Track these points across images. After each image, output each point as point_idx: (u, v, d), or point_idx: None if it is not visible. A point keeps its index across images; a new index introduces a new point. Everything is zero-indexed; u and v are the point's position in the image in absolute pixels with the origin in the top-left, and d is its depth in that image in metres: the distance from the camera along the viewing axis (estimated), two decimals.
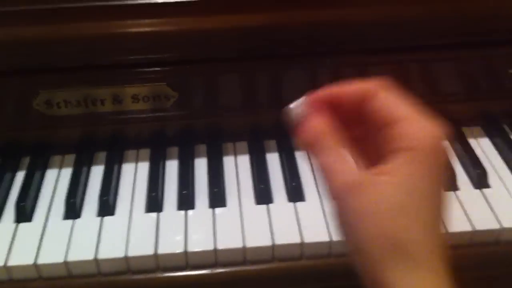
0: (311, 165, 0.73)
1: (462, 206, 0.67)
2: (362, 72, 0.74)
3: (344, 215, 0.40)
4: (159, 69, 0.72)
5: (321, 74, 0.74)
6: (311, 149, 0.42)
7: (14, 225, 0.67)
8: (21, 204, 0.68)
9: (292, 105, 0.44)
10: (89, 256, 0.62)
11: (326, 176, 0.41)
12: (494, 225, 0.65)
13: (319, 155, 0.41)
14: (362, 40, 0.72)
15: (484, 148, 0.77)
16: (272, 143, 0.78)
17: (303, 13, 0.70)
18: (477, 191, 0.70)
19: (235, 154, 0.77)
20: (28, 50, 0.70)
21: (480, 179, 0.70)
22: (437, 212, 0.39)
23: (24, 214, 0.67)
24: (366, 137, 0.43)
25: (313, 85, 0.45)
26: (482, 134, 0.79)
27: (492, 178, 0.71)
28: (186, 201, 0.68)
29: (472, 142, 0.77)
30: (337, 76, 0.49)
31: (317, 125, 0.42)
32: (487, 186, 0.70)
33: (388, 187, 0.38)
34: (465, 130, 0.79)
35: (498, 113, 0.80)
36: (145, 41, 0.70)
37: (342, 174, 0.40)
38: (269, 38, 0.71)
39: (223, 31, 0.70)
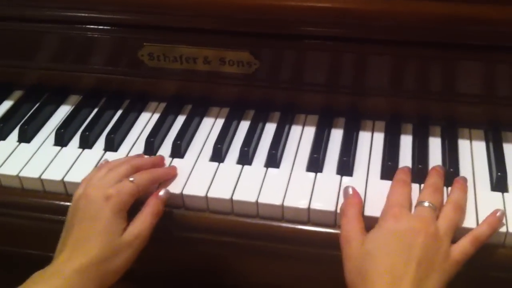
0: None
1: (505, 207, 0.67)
2: None
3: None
4: (244, 38, 0.79)
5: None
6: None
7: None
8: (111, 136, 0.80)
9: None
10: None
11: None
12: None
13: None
14: None
15: None
16: (341, 120, 0.83)
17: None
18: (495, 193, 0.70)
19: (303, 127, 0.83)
20: (140, 10, 0.81)
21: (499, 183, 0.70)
22: None
23: (112, 144, 0.80)
24: None
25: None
26: None
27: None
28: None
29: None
30: None
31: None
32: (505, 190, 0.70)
33: None
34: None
35: None
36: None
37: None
38: (363, 24, 0.74)
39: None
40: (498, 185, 0.71)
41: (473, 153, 0.77)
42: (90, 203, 0.65)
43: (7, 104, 0.91)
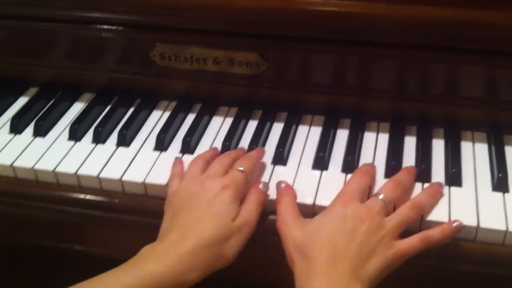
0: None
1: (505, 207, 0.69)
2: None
3: None
4: (253, 39, 0.82)
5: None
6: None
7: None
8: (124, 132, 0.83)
9: None
10: None
11: None
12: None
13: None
14: None
15: None
16: (347, 121, 0.86)
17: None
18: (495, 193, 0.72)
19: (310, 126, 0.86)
20: (151, 11, 0.83)
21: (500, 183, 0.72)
22: None
23: (124, 140, 0.83)
24: None
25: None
26: None
27: None
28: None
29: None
30: None
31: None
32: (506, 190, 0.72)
33: None
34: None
35: None
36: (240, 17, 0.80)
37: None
38: (367, 27, 0.76)
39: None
40: (499, 185, 0.72)
41: (475, 155, 0.78)
42: (206, 189, 0.68)
43: (23, 100, 0.94)
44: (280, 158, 0.78)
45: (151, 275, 0.61)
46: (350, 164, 0.77)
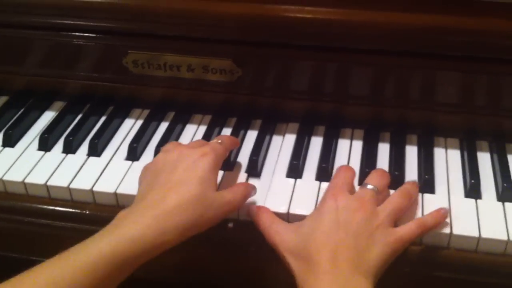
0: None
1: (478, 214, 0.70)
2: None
3: None
4: (227, 46, 0.81)
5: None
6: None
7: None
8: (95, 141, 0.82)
9: None
10: None
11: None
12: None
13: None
14: None
15: None
16: (321, 128, 0.85)
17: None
18: (500, 203, 0.71)
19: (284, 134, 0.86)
20: (125, 18, 0.82)
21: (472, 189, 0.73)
22: None
23: (95, 149, 0.82)
24: None
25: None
26: None
27: None
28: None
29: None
30: None
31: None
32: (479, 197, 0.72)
33: None
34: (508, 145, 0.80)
35: None
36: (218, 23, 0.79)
37: None
38: (345, 34, 0.76)
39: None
40: (472, 192, 0.73)
41: (448, 161, 0.79)
42: (184, 156, 0.67)
43: None
44: (254, 166, 0.78)
45: (129, 238, 0.58)
46: (324, 171, 0.76)
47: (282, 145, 0.83)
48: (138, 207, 0.63)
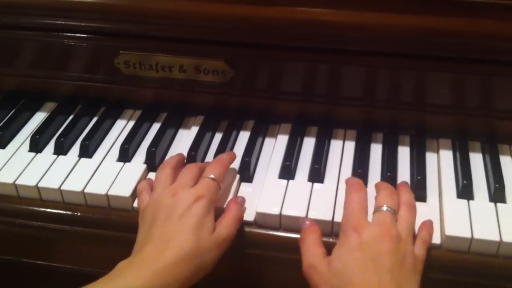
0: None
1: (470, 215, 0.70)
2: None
3: None
4: (220, 47, 0.81)
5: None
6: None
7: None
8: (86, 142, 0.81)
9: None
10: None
11: None
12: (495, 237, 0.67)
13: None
14: None
15: None
16: (314, 129, 0.85)
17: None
18: (492, 204, 0.71)
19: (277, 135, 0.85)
20: (117, 18, 0.82)
21: (464, 190, 0.73)
22: None
23: (86, 151, 0.81)
24: None
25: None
26: None
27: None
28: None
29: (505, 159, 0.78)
30: None
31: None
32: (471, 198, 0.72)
33: None
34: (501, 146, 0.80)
35: None
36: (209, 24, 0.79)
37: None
38: (337, 35, 0.76)
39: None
40: (464, 192, 0.73)
41: (440, 162, 0.79)
42: (179, 201, 0.66)
43: None
44: (247, 167, 0.77)
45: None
46: (316, 172, 0.76)
47: (274, 146, 0.83)
48: (139, 258, 0.63)
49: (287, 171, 0.76)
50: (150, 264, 0.61)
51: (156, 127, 0.86)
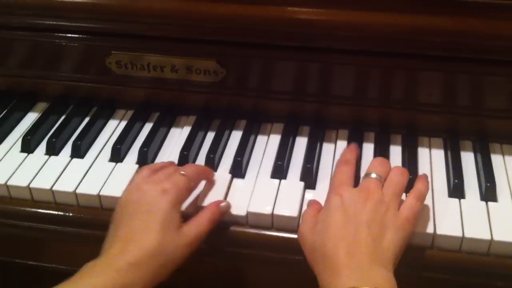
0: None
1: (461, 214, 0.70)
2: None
3: None
4: (211, 46, 0.81)
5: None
6: None
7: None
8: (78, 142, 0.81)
9: None
10: None
11: None
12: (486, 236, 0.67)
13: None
14: None
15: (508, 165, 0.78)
16: (306, 129, 0.85)
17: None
18: (483, 202, 0.72)
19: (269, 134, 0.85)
20: (108, 18, 0.82)
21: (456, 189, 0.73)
22: None
23: (78, 151, 0.81)
24: None
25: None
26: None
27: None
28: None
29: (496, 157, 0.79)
30: None
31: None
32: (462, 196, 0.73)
33: None
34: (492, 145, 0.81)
35: None
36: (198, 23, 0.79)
37: None
38: (327, 34, 0.76)
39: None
40: (455, 191, 0.73)
41: (432, 161, 0.79)
42: (145, 196, 0.65)
43: None
44: (239, 167, 0.77)
45: None
46: (309, 172, 0.76)
47: (266, 146, 0.83)
48: (103, 259, 0.62)
49: (280, 171, 0.77)
50: (114, 264, 0.60)
51: (148, 127, 0.86)
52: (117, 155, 0.80)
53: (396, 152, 0.80)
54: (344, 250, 0.60)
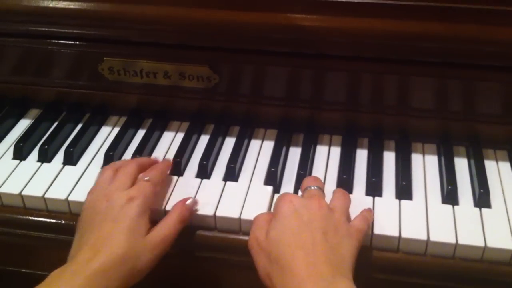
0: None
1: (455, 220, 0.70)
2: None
3: None
4: (203, 52, 0.81)
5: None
6: None
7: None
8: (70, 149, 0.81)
9: None
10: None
11: None
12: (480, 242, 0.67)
13: None
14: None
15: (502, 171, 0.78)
16: (299, 135, 0.85)
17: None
18: (476, 209, 0.71)
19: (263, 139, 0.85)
20: (100, 24, 0.81)
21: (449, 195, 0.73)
22: None
23: (70, 158, 0.81)
24: None
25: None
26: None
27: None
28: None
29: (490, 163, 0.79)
30: None
31: None
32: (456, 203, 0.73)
33: None
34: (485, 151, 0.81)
35: None
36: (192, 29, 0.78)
37: None
38: (319, 40, 0.76)
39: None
40: (449, 198, 0.73)
41: (425, 167, 0.79)
42: (112, 204, 0.66)
43: None
44: (232, 173, 0.77)
45: None
46: (302, 178, 0.76)
47: (260, 152, 0.82)
48: (71, 266, 0.61)
49: (273, 178, 0.76)
50: (82, 271, 0.60)
51: (141, 133, 0.86)
52: (110, 162, 0.79)
53: (389, 158, 0.80)
54: (304, 261, 0.58)
